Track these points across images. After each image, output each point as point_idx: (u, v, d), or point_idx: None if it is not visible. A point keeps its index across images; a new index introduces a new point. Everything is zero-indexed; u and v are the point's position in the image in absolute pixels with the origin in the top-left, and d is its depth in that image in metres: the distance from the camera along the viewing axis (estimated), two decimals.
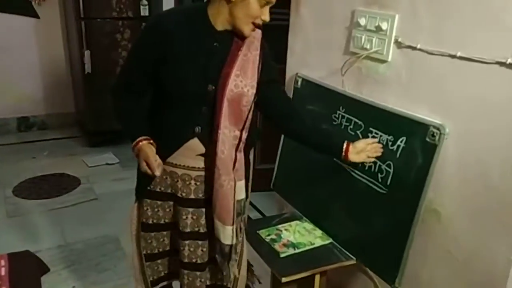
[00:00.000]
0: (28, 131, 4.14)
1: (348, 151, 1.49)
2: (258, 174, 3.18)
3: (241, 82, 1.36)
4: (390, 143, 1.45)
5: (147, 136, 1.42)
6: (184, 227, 1.52)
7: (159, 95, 1.46)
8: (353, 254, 1.60)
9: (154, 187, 1.52)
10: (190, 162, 1.46)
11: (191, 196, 1.49)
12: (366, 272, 1.67)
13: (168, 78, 1.38)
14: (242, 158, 1.47)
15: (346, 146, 1.50)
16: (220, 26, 1.35)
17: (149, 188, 1.52)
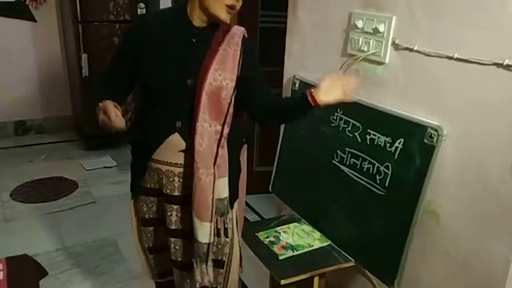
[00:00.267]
0: (25, 134, 4.13)
1: (314, 95, 1.31)
2: (257, 176, 3.19)
3: (220, 75, 1.39)
4: (388, 145, 1.45)
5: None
6: (169, 224, 1.55)
7: (143, 94, 1.50)
8: (352, 256, 1.60)
9: (145, 184, 1.56)
10: (172, 158, 1.48)
11: (175, 193, 1.51)
12: (365, 274, 1.67)
13: (147, 75, 1.43)
14: (225, 155, 1.47)
15: (310, 91, 1.33)
16: (198, 22, 1.40)
17: (142, 185, 1.56)
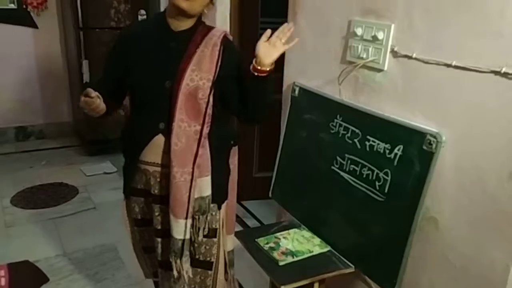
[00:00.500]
0: (26, 140, 4.14)
1: (258, 65, 1.39)
2: (256, 182, 3.20)
3: (196, 76, 1.44)
4: (388, 151, 1.46)
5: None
6: (157, 224, 1.59)
7: (130, 99, 1.59)
8: (351, 262, 1.60)
9: (136, 185, 1.61)
10: (158, 159, 1.53)
11: (163, 193, 1.55)
12: (365, 280, 1.67)
13: (130, 79, 1.51)
14: (206, 154, 1.50)
15: (252, 65, 1.40)
16: (177, 26, 1.46)
17: (132, 186, 1.62)
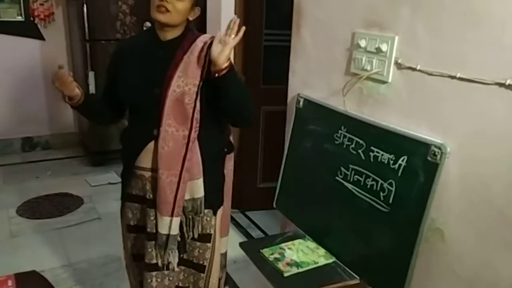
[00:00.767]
0: (32, 151, 4.18)
1: (215, 66, 1.41)
2: (260, 192, 3.20)
3: (182, 82, 1.50)
4: (392, 162, 1.46)
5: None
6: (152, 228, 1.62)
7: (128, 109, 1.68)
8: (356, 273, 1.59)
9: (131, 190, 1.66)
10: (154, 164, 1.57)
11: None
12: None
13: (122, 89, 1.60)
14: (195, 158, 1.56)
15: (213, 70, 1.44)
16: (164, 36, 1.53)
17: (128, 192, 1.67)
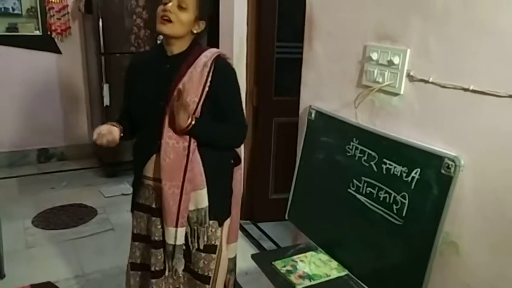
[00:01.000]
0: (48, 162, 4.24)
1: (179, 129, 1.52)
2: (272, 204, 3.20)
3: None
4: (405, 174, 1.46)
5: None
6: (158, 236, 1.66)
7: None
8: (369, 287, 1.58)
9: (139, 199, 1.71)
10: (158, 174, 1.61)
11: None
12: None
13: (131, 102, 1.67)
14: (197, 168, 1.58)
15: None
16: (171, 51, 1.58)
17: (136, 201, 1.72)
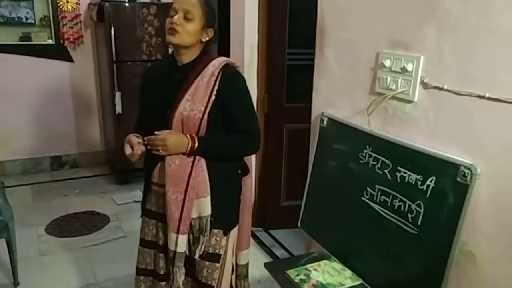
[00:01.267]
0: (61, 169, 4.28)
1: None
2: (284, 211, 3.19)
3: (189, 106, 1.56)
4: (420, 183, 1.44)
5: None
6: (163, 242, 1.68)
7: None
8: None
9: (148, 205, 1.73)
10: (164, 180, 1.61)
11: None
12: None
13: (143, 109, 1.71)
14: (202, 177, 1.59)
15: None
16: (181, 61, 1.61)
17: (146, 207, 1.74)
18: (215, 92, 1.55)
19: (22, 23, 3.86)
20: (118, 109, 3.71)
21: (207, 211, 1.62)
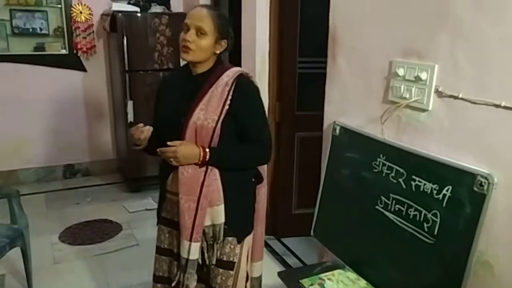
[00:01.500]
0: (73, 177, 4.31)
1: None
2: (295, 219, 3.18)
3: (203, 115, 1.57)
4: (435, 192, 1.43)
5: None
6: (178, 249, 1.68)
7: None
8: None
9: (163, 213, 1.75)
10: (178, 188, 1.63)
11: None
12: None
13: (157, 117, 1.74)
14: (215, 185, 1.60)
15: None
16: (195, 71, 1.64)
17: (161, 215, 1.75)
18: (228, 101, 1.57)
19: (36, 33, 3.92)
20: (130, 117, 3.74)
21: (221, 219, 1.63)
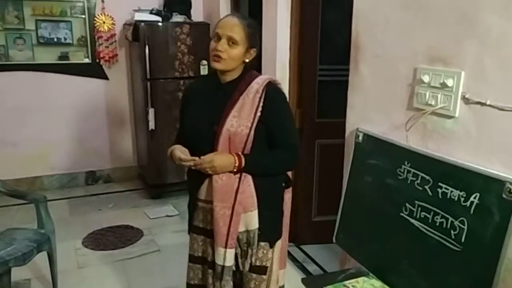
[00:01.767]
0: (95, 184, 4.39)
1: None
2: (316, 226, 3.17)
3: (236, 122, 1.59)
4: (463, 199, 1.42)
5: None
6: (212, 257, 1.69)
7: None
8: None
9: (195, 222, 1.75)
10: (212, 196, 1.63)
11: None
12: None
13: (185, 127, 1.73)
14: (249, 192, 1.62)
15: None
16: (224, 79, 1.66)
17: (193, 223, 1.76)
18: (260, 108, 1.59)
19: (61, 43, 4.03)
20: (151, 125, 3.80)
21: (255, 224, 1.65)
